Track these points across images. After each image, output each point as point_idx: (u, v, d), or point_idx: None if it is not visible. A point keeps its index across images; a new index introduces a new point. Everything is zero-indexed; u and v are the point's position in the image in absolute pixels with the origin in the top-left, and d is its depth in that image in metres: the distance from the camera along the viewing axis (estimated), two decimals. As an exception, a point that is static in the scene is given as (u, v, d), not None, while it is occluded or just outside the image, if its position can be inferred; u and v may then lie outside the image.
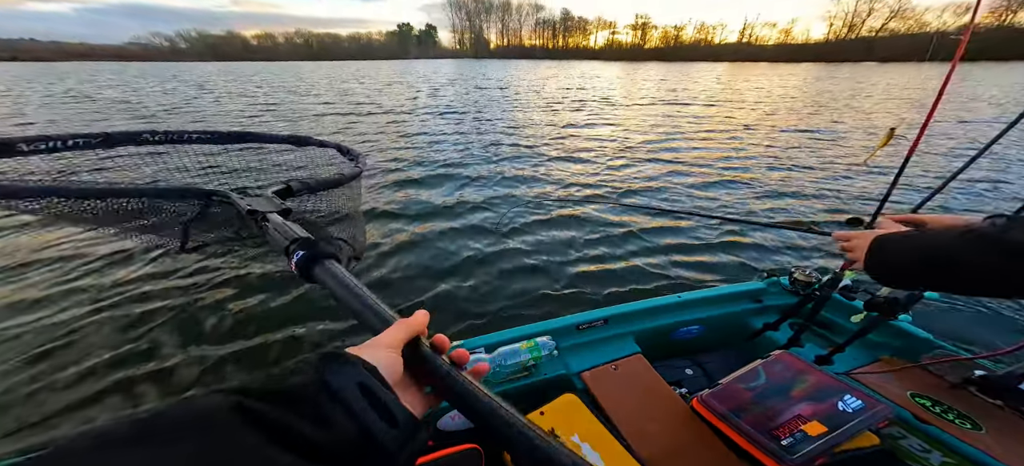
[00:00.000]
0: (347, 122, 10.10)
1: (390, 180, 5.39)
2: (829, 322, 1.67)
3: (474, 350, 1.37)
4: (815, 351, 1.48)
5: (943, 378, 1.30)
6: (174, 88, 18.61)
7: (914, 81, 24.92)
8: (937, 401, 1.22)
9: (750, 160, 6.43)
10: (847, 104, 13.48)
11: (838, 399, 1.11)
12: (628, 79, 27.45)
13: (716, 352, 1.70)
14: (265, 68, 51.61)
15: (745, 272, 3.19)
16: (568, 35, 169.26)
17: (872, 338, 1.50)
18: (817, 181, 5.42)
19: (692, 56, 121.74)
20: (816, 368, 1.23)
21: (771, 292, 1.84)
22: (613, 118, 10.91)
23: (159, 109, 12.17)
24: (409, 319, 0.41)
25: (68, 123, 9.54)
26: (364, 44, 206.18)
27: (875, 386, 1.29)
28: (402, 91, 18.77)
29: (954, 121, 9.77)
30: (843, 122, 9.91)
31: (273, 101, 13.88)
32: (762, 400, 1.14)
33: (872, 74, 33.56)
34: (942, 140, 7.71)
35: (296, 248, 0.53)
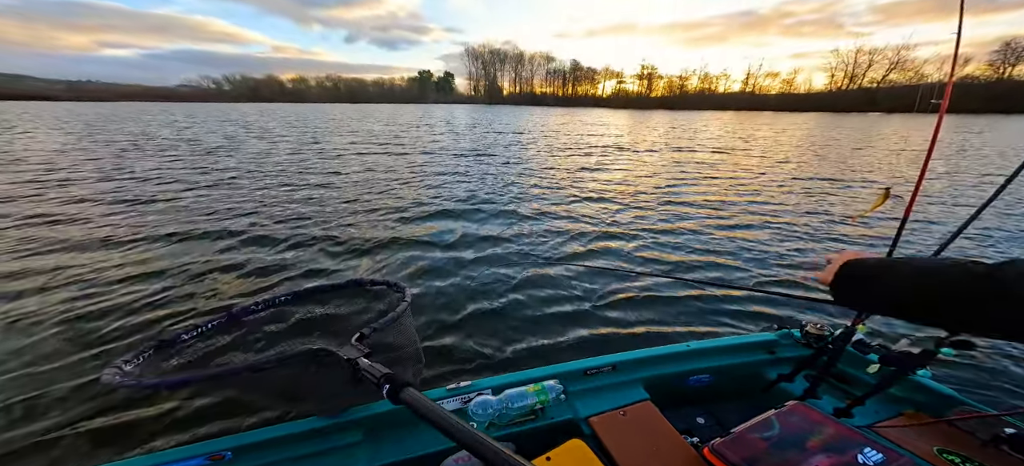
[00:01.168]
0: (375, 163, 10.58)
1: (401, 219, 5.56)
2: (846, 375, 1.62)
3: (481, 392, 1.37)
4: (833, 403, 1.43)
5: (973, 435, 1.24)
6: (234, 132, 19.67)
7: (918, 132, 25.04)
8: (967, 458, 1.15)
9: (758, 215, 6.45)
10: (853, 155, 13.62)
11: (858, 452, 1.06)
12: (637, 127, 28.27)
13: (729, 402, 1.64)
14: (302, 111, 53.93)
15: (754, 320, 3.13)
16: (577, 84, 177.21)
17: (894, 393, 1.45)
18: (823, 238, 5.37)
19: (698, 105, 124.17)
20: (834, 420, 1.19)
21: (783, 344, 1.81)
22: (625, 164, 11.23)
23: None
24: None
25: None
26: (387, 89, 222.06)
27: (899, 440, 1.23)
28: (422, 134, 19.92)
29: (952, 176, 9.79)
30: (852, 175, 9.96)
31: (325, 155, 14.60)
32: (777, 451, 1.10)
33: (877, 125, 33.83)
34: (939, 197, 7.68)
35: (384, 382, 0.71)
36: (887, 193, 1.46)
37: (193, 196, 7.13)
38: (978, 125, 32.49)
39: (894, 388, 1.42)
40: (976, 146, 16.26)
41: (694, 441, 1.32)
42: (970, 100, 79.95)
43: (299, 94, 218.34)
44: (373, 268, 4.14)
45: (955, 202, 7.25)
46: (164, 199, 6.88)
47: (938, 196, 7.77)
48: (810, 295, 1.03)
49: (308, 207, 6.65)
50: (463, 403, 1.35)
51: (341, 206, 6.65)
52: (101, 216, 5.84)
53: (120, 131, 19.66)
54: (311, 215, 6.14)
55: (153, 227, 5.34)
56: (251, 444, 1.16)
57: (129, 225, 5.43)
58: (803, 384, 1.54)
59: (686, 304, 3.38)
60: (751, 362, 1.71)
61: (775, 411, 1.25)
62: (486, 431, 1.29)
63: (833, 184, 8.89)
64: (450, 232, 5.26)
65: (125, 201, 6.68)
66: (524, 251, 4.59)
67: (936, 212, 6.54)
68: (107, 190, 7.44)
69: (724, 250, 4.71)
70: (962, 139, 18.84)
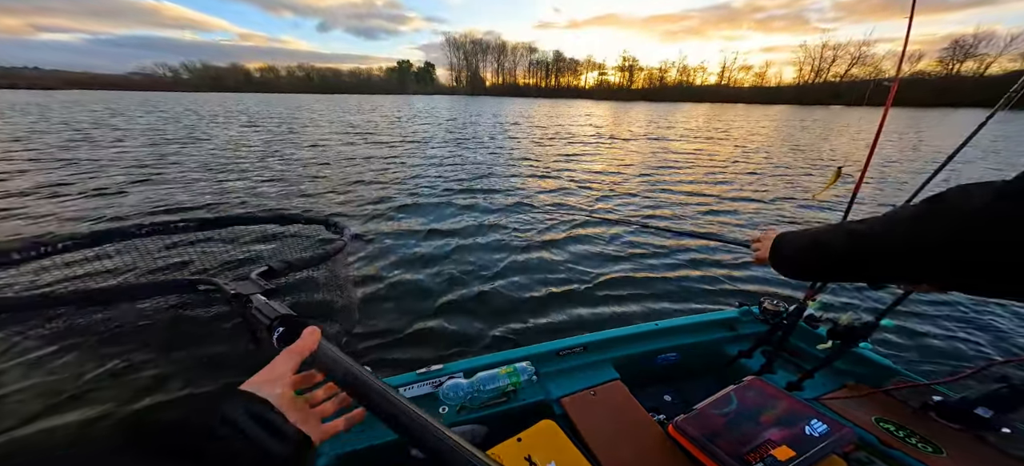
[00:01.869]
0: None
1: (377, 208, 5.41)
2: (799, 349, 1.73)
3: (453, 375, 1.36)
4: (787, 377, 1.53)
5: (905, 403, 1.35)
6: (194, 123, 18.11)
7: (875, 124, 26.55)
8: (901, 425, 1.26)
9: (728, 197, 6.70)
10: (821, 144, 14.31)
11: (805, 424, 1.14)
12: (620, 118, 28.36)
13: (694, 379, 1.72)
14: (270, 101, 49.40)
15: (720, 297, 3.29)
16: (560, 75, 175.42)
17: (839, 365, 1.56)
18: (786, 212, 5.71)
19: (676, 97, 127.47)
20: (786, 394, 1.27)
21: (744, 321, 1.90)
22: (607, 153, 11.34)
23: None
24: (295, 345, 0.47)
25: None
26: (364, 79, 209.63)
27: (841, 411, 1.33)
28: (404, 124, 19.30)
29: (896, 159, 10.52)
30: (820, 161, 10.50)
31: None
32: (734, 425, 1.16)
33: (841, 116, 35.35)
34: (886, 177, 8.32)
35: (277, 324, 0.57)
36: (839, 172, 1.55)
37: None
38: (931, 117, 34.68)
39: (839, 361, 1.53)
40: (926, 138, 17.45)
41: (661, 418, 1.37)
42: (924, 94, 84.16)
43: (268, 84, 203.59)
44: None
45: (903, 183, 7.87)
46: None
47: (887, 177, 8.40)
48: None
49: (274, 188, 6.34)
50: (434, 387, 1.34)
51: (310, 190, 6.36)
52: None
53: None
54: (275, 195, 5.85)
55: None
56: None
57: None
58: (761, 359, 1.63)
59: (658, 284, 3.49)
60: (714, 340, 1.79)
61: (734, 387, 1.32)
62: (457, 415, 1.29)
63: (803, 169, 9.35)
64: (424, 219, 5.17)
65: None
66: (500, 236, 4.59)
67: (890, 191, 7.16)
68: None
69: (698, 230, 4.88)
70: (915, 132, 20.04)
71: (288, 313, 0.61)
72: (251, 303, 0.66)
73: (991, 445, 1.18)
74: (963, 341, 2.76)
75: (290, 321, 0.58)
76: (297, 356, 0.46)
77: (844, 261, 0.62)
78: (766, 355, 1.62)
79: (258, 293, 0.70)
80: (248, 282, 0.76)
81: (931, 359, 2.53)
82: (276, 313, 0.60)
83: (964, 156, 1.36)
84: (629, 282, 3.52)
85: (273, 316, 0.60)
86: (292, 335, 0.53)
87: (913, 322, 2.89)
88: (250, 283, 0.76)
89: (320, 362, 0.49)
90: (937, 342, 2.73)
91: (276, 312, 0.61)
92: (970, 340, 2.77)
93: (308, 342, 0.48)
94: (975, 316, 3.05)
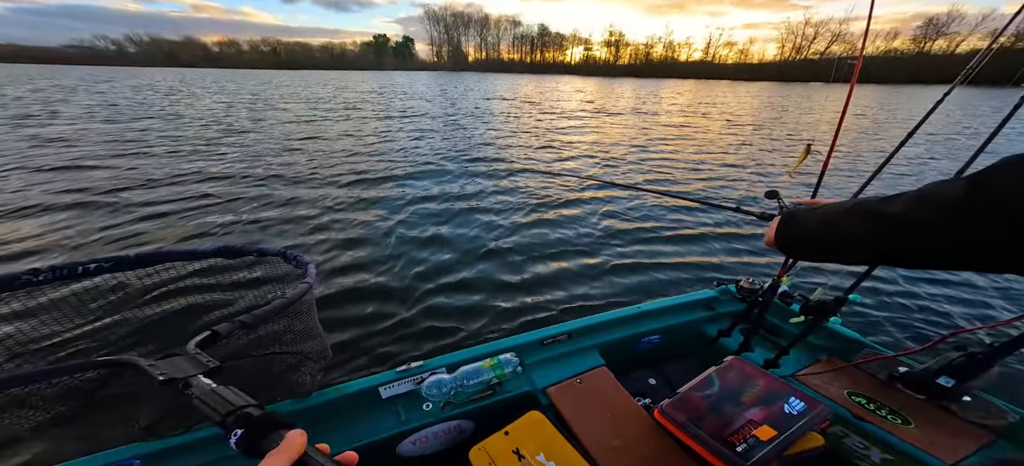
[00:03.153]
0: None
1: (349, 189, 5.20)
2: (775, 327, 1.78)
3: (435, 371, 1.32)
4: (764, 355, 1.57)
5: (874, 376, 1.41)
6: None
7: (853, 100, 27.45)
8: (871, 398, 1.32)
9: (712, 168, 6.89)
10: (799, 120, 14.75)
11: (784, 402, 1.17)
12: (608, 94, 28.19)
13: (677, 361, 1.75)
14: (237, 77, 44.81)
15: (699, 272, 3.37)
16: (545, 50, 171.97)
17: (812, 340, 1.61)
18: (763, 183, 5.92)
19: (662, 73, 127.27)
20: (764, 372, 1.30)
21: (722, 299, 1.93)
22: (595, 131, 11.30)
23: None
24: (281, 447, 0.40)
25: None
26: (337, 55, 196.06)
27: (817, 387, 1.38)
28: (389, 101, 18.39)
29: (863, 133, 11.03)
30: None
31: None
32: (717, 407, 1.18)
33: (821, 93, 35.75)
34: (854, 152, 8.74)
35: (233, 425, 0.44)
36: (808, 149, 1.57)
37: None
38: (904, 94, 36.01)
39: (812, 336, 1.58)
40: (900, 115, 18.24)
41: (646, 402, 1.39)
42: (898, 72, 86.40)
43: (229, 59, 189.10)
44: (311, 246, 3.85)
45: (872, 154, 8.28)
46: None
47: (856, 152, 8.77)
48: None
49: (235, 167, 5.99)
50: (416, 384, 1.30)
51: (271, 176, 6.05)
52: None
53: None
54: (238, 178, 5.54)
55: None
56: (163, 451, 1.03)
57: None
58: (739, 338, 1.67)
59: (642, 269, 3.53)
60: (695, 320, 1.82)
61: (715, 368, 1.34)
62: (442, 412, 1.26)
63: (784, 144, 9.63)
64: (401, 204, 5.02)
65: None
66: (482, 222, 4.51)
67: (860, 165, 7.51)
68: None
69: (683, 207, 4.96)
70: (888, 110, 20.73)
71: (245, 405, 0.46)
72: (190, 389, 0.51)
73: (953, 413, 1.24)
74: (927, 311, 2.92)
75: (254, 422, 0.43)
76: (284, 460, 0.39)
77: (870, 248, 0.57)
78: (744, 333, 1.66)
79: (199, 375, 0.54)
80: (184, 358, 0.59)
81: (898, 330, 2.68)
82: (229, 406, 0.46)
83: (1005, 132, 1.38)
84: (616, 263, 3.54)
85: (225, 411, 0.45)
86: (255, 436, 0.42)
87: (879, 296, 3.04)
88: (187, 360, 0.58)
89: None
90: (904, 313, 2.87)
91: (229, 404, 0.46)
92: (933, 310, 2.93)
93: (294, 449, 0.40)
94: (941, 285, 3.23)
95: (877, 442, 1.23)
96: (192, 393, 0.50)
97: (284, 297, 0.80)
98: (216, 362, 0.58)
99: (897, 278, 3.26)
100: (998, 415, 1.22)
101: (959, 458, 1.14)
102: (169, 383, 0.53)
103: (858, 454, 1.28)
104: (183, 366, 0.57)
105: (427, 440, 1.25)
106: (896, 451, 1.19)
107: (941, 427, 1.21)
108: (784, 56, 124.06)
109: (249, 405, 0.46)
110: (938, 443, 1.17)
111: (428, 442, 1.25)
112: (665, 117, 14.29)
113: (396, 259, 3.47)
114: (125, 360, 0.63)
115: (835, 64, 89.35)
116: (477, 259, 3.54)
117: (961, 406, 1.24)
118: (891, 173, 6.20)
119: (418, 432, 1.22)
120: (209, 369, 0.56)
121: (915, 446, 1.17)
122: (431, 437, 1.25)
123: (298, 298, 0.83)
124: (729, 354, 1.54)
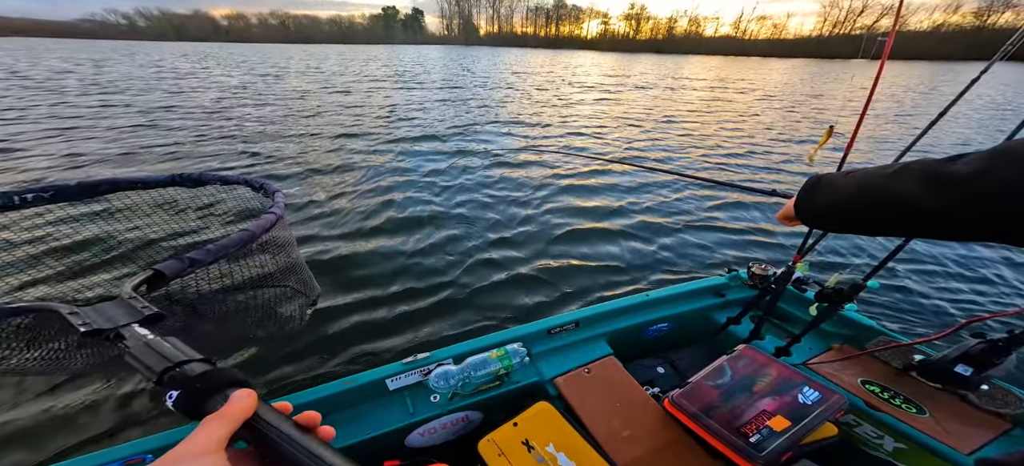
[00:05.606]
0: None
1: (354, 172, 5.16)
2: (786, 314, 1.75)
3: (441, 362, 1.30)
4: (775, 343, 1.54)
5: (889, 364, 1.39)
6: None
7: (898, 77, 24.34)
8: (885, 387, 1.30)
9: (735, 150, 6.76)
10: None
11: (798, 391, 1.15)
12: (625, 68, 27.47)
13: (686, 349, 1.73)
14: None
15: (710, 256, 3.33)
16: (560, 23, 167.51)
17: (825, 327, 1.58)
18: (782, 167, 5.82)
19: (686, 49, 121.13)
20: (776, 361, 1.28)
21: (733, 286, 1.90)
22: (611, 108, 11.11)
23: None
24: (223, 410, 0.34)
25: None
26: (346, 27, 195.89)
27: (830, 375, 1.35)
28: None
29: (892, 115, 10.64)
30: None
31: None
32: (729, 397, 1.16)
33: (864, 71, 32.92)
34: (881, 134, 8.45)
35: (170, 385, 0.37)
36: (830, 130, 1.51)
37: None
38: (955, 71, 34.19)
39: (825, 323, 1.55)
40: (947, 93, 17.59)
41: (655, 392, 1.37)
42: (952, 48, 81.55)
43: (238, 33, 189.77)
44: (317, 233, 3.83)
45: (907, 136, 7.99)
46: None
47: (885, 135, 8.41)
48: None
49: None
50: (422, 376, 1.28)
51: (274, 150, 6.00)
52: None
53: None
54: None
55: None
56: (176, 443, 1.03)
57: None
58: (749, 325, 1.64)
59: (653, 253, 3.49)
60: (704, 307, 1.80)
61: (726, 357, 1.31)
62: (450, 403, 1.25)
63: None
64: (410, 188, 4.98)
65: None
66: (490, 209, 4.46)
67: (892, 151, 7.24)
68: None
69: (693, 194, 4.89)
70: (931, 87, 19.48)
71: (186, 360, 0.38)
72: (124, 342, 0.43)
73: (970, 402, 1.22)
74: (946, 299, 2.86)
75: (192, 381, 0.36)
76: (226, 424, 0.33)
77: (915, 213, 0.51)
78: (754, 321, 1.63)
79: (134, 324, 0.46)
80: (117, 305, 0.50)
81: (915, 318, 2.64)
82: (165, 362, 0.38)
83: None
84: (624, 249, 3.51)
85: (161, 368, 0.38)
86: (196, 397, 0.35)
87: (897, 280, 2.99)
88: (119, 306, 0.50)
89: (259, 434, 0.34)
90: (921, 300, 2.82)
91: (165, 360, 0.39)
92: (953, 297, 2.88)
93: (237, 413, 0.34)
94: (958, 272, 3.16)
95: (890, 430, 1.21)
96: (125, 346, 0.43)
97: (246, 229, 0.68)
98: (154, 309, 0.50)
99: (915, 263, 3.20)
100: (1016, 403, 1.19)
101: (975, 447, 1.12)
102: (94, 335, 0.45)
103: (871, 443, 1.26)
104: (113, 314, 0.48)
105: (435, 431, 1.24)
106: (910, 439, 1.17)
107: (957, 416, 1.19)
108: (827, 30, 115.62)
109: (190, 360, 0.38)
110: (953, 432, 1.15)
111: (436, 433, 1.25)
112: (687, 94, 13.84)
113: (401, 247, 3.45)
114: (43, 307, 0.54)
115: (864, 40, 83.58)
116: (487, 245, 3.52)
117: (979, 395, 1.21)
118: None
119: (426, 423, 1.22)
120: (145, 317, 0.48)
121: (929, 435, 1.15)
122: (439, 428, 1.25)
123: (264, 230, 0.71)
124: (738, 342, 1.52)
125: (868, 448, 1.25)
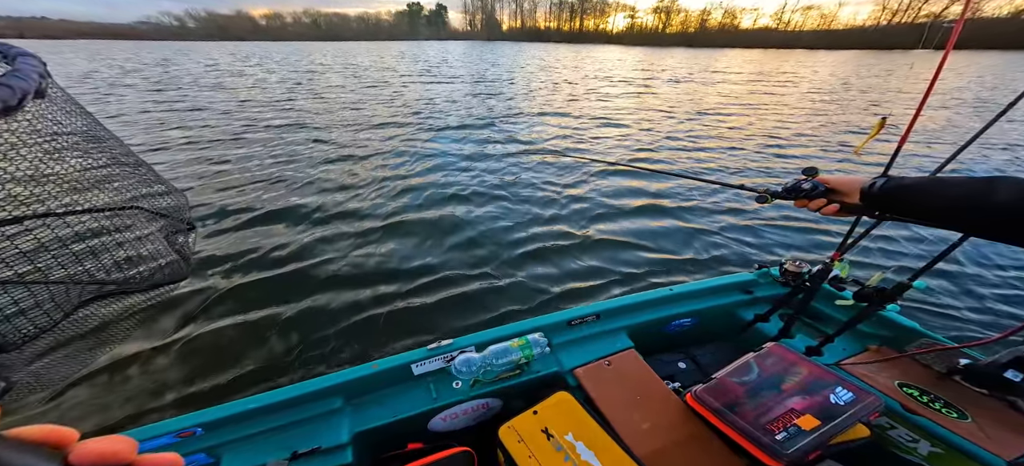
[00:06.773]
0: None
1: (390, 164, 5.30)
2: (819, 312, 1.68)
3: (464, 349, 1.34)
4: (805, 342, 1.49)
5: (930, 368, 1.31)
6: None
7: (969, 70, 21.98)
8: (925, 390, 1.23)
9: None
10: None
11: (830, 391, 1.11)
12: (654, 63, 26.71)
13: (709, 345, 1.70)
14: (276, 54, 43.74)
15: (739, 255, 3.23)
16: (585, 17, 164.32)
17: (860, 328, 1.51)
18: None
19: (720, 42, 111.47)
20: (807, 360, 1.23)
21: (762, 283, 1.84)
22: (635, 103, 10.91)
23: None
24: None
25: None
26: (372, 24, 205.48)
27: (864, 377, 1.30)
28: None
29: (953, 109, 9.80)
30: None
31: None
32: (755, 394, 1.13)
33: (928, 61, 30.77)
34: (939, 128, 7.85)
35: None
36: (883, 122, 1.42)
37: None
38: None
39: (861, 323, 1.48)
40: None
41: (676, 386, 1.35)
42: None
43: (275, 31, 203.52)
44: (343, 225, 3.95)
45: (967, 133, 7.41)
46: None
47: (944, 130, 7.77)
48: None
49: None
50: (446, 362, 1.32)
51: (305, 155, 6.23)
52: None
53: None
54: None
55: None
56: (224, 419, 1.10)
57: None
58: (778, 323, 1.59)
59: (676, 247, 3.42)
60: (730, 303, 1.75)
61: (754, 354, 1.28)
62: (471, 390, 1.28)
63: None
64: (433, 177, 5.07)
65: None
66: (511, 201, 4.49)
67: (946, 149, 6.71)
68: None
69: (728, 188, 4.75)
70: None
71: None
72: None
73: (1020, 409, 1.14)
74: (996, 302, 2.68)
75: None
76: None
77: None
78: (784, 319, 1.58)
79: None
80: None
81: (960, 321, 2.47)
82: None
83: None
84: (648, 245, 3.46)
85: None
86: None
87: (944, 282, 2.81)
88: None
89: None
90: (966, 303, 2.65)
91: None
92: (1004, 301, 2.69)
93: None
94: (1011, 276, 2.95)
95: (927, 434, 1.15)
96: None
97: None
98: None
99: (964, 265, 2.98)
100: None
101: (1018, 453, 1.05)
102: None
103: (904, 447, 1.20)
104: None
105: (457, 416, 1.28)
106: (947, 443, 1.11)
107: (1002, 422, 1.12)
108: (881, 20, 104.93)
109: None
110: (995, 437, 1.09)
111: (458, 418, 1.28)
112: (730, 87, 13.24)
113: (424, 238, 3.52)
114: None
115: (928, 27, 74.98)
116: (506, 242, 3.55)
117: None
118: (971, 158, 5.50)
119: (448, 409, 1.25)
120: None
121: (969, 439, 1.09)
122: (460, 414, 1.28)
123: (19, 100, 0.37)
124: (765, 340, 1.47)
125: (901, 451, 1.19)
